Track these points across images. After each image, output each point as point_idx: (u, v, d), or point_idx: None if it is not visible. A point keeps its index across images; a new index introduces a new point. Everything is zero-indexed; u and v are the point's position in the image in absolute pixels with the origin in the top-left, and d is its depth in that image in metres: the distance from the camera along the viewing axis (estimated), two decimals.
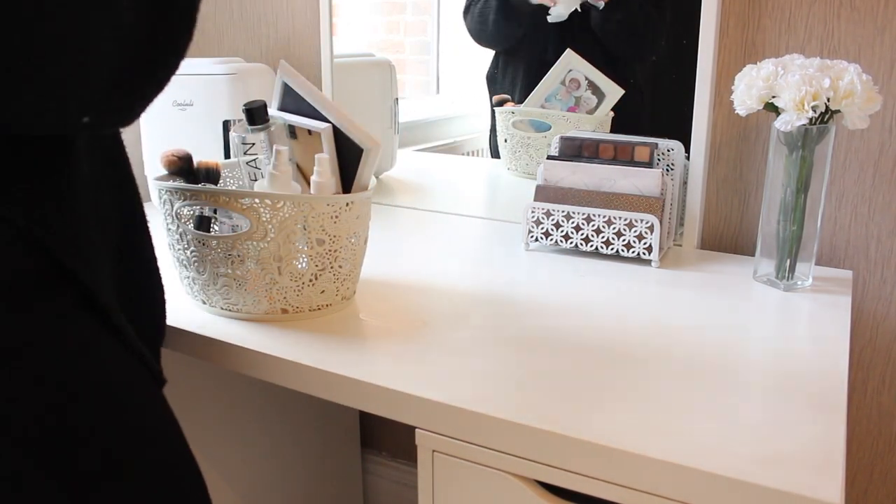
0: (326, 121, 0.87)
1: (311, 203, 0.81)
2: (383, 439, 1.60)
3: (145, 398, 0.63)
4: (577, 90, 1.26)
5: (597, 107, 1.25)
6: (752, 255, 1.08)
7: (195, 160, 0.89)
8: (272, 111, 0.93)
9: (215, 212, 0.85)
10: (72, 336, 0.56)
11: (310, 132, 0.90)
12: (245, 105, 0.89)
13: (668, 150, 1.13)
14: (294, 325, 0.84)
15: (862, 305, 1.10)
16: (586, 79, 1.25)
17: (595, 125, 1.25)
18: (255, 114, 0.89)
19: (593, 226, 1.09)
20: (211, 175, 0.89)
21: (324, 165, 0.82)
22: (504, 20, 1.28)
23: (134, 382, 0.62)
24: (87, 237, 0.58)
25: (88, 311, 0.57)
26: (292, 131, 0.93)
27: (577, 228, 1.10)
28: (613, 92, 1.23)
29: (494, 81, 1.35)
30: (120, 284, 0.64)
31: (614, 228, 1.08)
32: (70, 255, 0.55)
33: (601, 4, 1.15)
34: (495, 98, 1.33)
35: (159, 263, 0.74)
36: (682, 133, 1.13)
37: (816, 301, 0.95)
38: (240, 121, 0.90)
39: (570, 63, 1.25)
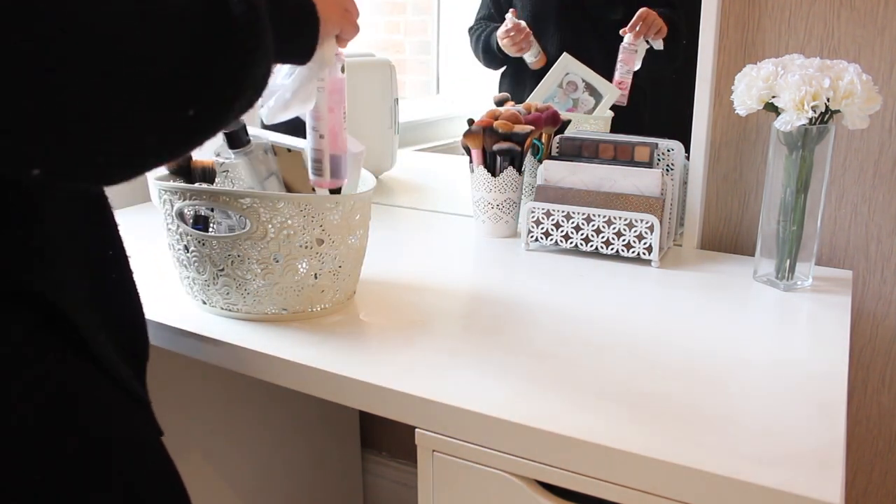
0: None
1: (311, 203, 0.81)
2: (383, 439, 1.60)
3: (119, 418, 0.60)
4: (575, 92, 1.26)
5: (594, 108, 1.25)
6: (752, 255, 1.08)
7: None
8: (253, 130, 0.93)
9: (212, 210, 0.85)
10: (38, 358, 0.54)
11: (289, 150, 0.90)
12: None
13: (668, 150, 1.13)
14: (294, 325, 0.84)
15: (862, 305, 1.10)
16: (583, 81, 1.25)
17: (599, 125, 1.25)
18: (234, 136, 0.87)
19: (593, 226, 1.09)
20: (207, 174, 0.89)
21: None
22: (487, 60, 1.38)
23: (104, 402, 0.59)
24: (56, 256, 0.56)
25: (57, 332, 0.55)
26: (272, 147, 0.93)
27: (577, 228, 1.10)
28: (610, 93, 1.24)
29: (503, 87, 1.36)
30: (96, 304, 0.61)
31: (614, 228, 1.08)
32: (37, 277, 0.53)
33: (659, 43, 1.19)
34: (496, 97, 1.33)
35: (136, 284, 0.68)
36: (682, 133, 1.13)
37: (816, 301, 0.95)
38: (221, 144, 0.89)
39: (567, 66, 1.25)
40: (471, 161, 1.20)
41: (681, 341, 0.82)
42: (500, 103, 1.28)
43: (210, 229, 0.86)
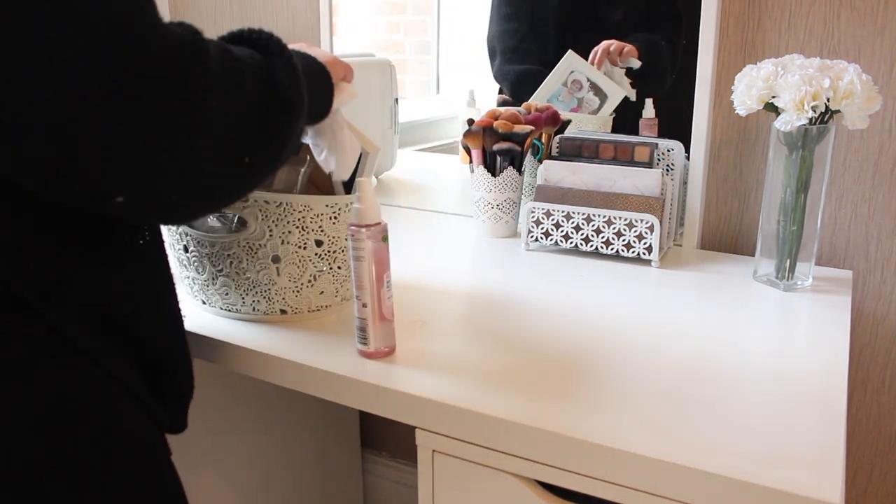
0: None
1: (310, 204, 0.81)
2: (383, 439, 1.60)
3: (128, 433, 0.62)
4: (579, 91, 1.25)
5: (599, 108, 1.25)
6: (752, 255, 1.08)
7: None
8: None
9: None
10: (42, 367, 0.56)
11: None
12: None
13: (668, 150, 1.13)
14: (294, 326, 0.84)
15: (862, 305, 1.10)
16: (588, 80, 1.24)
17: (597, 125, 1.25)
18: None
19: (593, 226, 1.09)
20: None
21: (365, 190, 0.76)
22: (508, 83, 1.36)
23: (115, 414, 0.61)
24: (58, 272, 0.57)
25: (63, 343, 0.57)
26: None
27: (577, 228, 1.10)
28: (615, 94, 1.23)
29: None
30: (116, 321, 0.62)
31: (614, 228, 1.08)
32: (32, 292, 0.55)
33: (635, 62, 1.20)
34: (497, 98, 1.34)
35: (181, 324, 0.70)
36: (683, 133, 1.13)
37: (816, 301, 0.95)
38: None
39: (572, 65, 1.25)
40: (471, 161, 1.20)
41: (681, 341, 0.82)
42: (502, 104, 1.28)
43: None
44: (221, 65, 0.54)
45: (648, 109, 1.21)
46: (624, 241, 1.08)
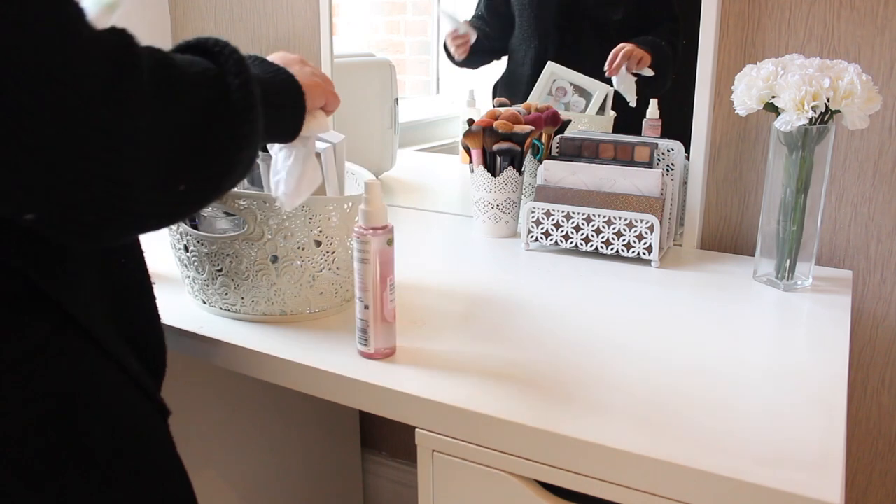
0: None
1: (308, 204, 0.80)
2: (383, 439, 1.60)
3: (138, 424, 0.64)
4: (565, 97, 1.27)
5: (586, 107, 1.26)
6: (752, 255, 1.08)
7: None
8: None
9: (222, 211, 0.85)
10: (54, 358, 0.56)
11: (317, 154, 0.89)
12: None
13: (668, 150, 1.13)
14: (294, 326, 0.84)
15: (862, 305, 1.10)
16: (571, 84, 1.25)
17: (599, 125, 1.25)
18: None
19: (593, 226, 1.09)
20: None
21: (373, 192, 0.74)
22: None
23: (127, 402, 0.62)
24: (69, 262, 0.58)
25: (72, 335, 0.58)
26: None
27: (577, 228, 1.10)
28: (599, 90, 1.24)
29: (500, 89, 1.36)
30: (115, 320, 0.63)
31: (614, 228, 1.08)
32: (48, 280, 0.56)
33: (648, 70, 1.21)
34: (495, 101, 1.34)
35: (157, 307, 0.70)
36: (683, 133, 1.13)
37: (816, 301, 0.95)
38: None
39: (554, 73, 1.26)
40: (471, 161, 1.20)
41: (681, 341, 0.82)
42: (499, 107, 1.28)
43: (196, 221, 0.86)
44: (155, 80, 0.48)
45: (652, 110, 1.21)
46: (624, 241, 1.08)
